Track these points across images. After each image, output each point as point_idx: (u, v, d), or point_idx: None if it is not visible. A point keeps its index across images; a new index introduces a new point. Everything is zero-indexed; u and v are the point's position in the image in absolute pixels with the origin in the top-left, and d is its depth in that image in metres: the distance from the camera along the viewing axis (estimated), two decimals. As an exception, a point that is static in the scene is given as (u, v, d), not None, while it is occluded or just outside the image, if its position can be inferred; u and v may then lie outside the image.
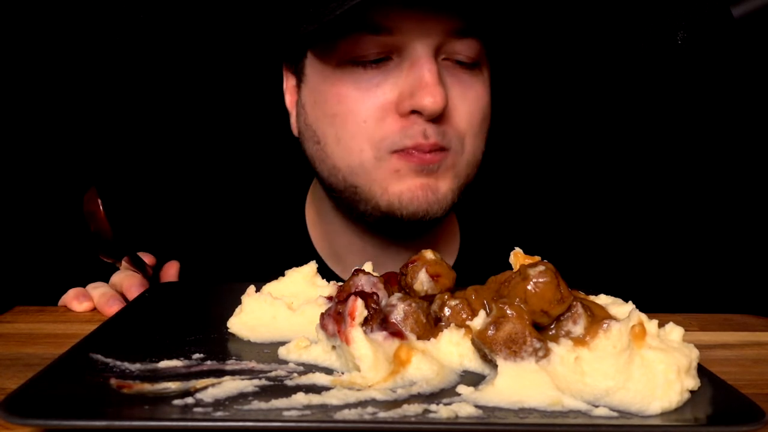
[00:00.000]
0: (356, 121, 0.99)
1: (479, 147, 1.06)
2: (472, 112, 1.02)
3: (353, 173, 1.02)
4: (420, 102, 0.94)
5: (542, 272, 0.62)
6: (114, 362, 0.64)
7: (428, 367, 0.63)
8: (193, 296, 0.91)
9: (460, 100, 1.00)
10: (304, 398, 0.57)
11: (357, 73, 0.98)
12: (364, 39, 0.96)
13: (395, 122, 0.98)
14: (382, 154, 0.99)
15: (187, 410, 0.54)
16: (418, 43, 0.95)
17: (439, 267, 0.77)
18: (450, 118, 1.00)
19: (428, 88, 0.94)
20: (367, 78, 0.98)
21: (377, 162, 0.99)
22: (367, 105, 0.98)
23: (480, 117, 1.04)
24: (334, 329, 0.67)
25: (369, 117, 0.98)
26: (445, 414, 0.55)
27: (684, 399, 0.58)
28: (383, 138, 0.98)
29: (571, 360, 0.60)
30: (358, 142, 1.00)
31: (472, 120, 1.02)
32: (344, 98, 0.99)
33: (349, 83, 0.99)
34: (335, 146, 1.02)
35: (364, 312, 0.66)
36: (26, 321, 0.88)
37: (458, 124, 1.01)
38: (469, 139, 1.03)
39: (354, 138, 1.00)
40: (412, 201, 1.00)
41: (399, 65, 0.98)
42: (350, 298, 0.67)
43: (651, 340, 0.61)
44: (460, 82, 1.01)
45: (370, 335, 0.65)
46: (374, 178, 1.01)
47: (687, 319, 0.94)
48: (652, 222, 1.79)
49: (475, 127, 1.03)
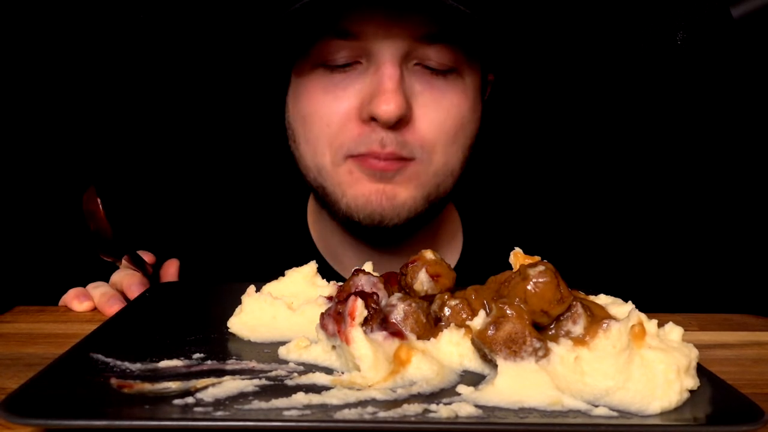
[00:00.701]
0: (321, 124, 1.01)
1: (454, 156, 1.03)
2: (443, 120, 0.99)
3: (319, 174, 1.04)
4: (375, 109, 0.94)
5: (542, 272, 0.62)
6: (114, 362, 0.64)
7: (428, 367, 0.63)
8: (193, 296, 0.91)
9: (429, 108, 0.98)
10: (304, 398, 0.57)
11: (326, 76, 1.00)
12: (332, 43, 0.97)
13: (355, 128, 0.98)
14: (338, 159, 1.00)
15: (188, 410, 0.54)
16: (383, 49, 0.95)
17: (439, 267, 0.77)
18: (414, 127, 0.98)
19: (385, 95, 0.94)
20: (335, 82, 0.99)
21: (334, 167, 1.01)
22: (332, 109, 0.99)
23: (454, 125, 1.01)
24: (334, 329, 0.67)
25: (332, 121, 1.00)
26: (445, 414, 0.55)
27: (683, 399, 0.59)
28: (342, 144, 0.99)
29: (570, 360, 0.60)
30: (321, 145, 1.01)
31: (443, 129, 1.00)
32: (312, 100, 1.01)
33: (318, 86, 1.00)
34: (305, 146, 1.04)
35: (364, 312, 0.66)
36: (26, 321, 0.88)
37: (425, 133, 0.99)
38: (440, 149, 1.00)
39: (318, 140, 1.02)
40: (366, 206, 1.00)
41: (366, 70, 0.98)
42: (350, 298, 0.67)
43: (651, 340, 0.61)
44: (431, 90, 0.98)
45: (370, 335, 0.66)
46: (335, 180, 1.02)
47: (687, 319, 0.94)
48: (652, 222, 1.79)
49: (448, 136, 1.00)
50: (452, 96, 1.00)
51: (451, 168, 1.04)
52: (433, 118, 0.99)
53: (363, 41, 0.96)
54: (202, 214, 1.29)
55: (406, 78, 0.97)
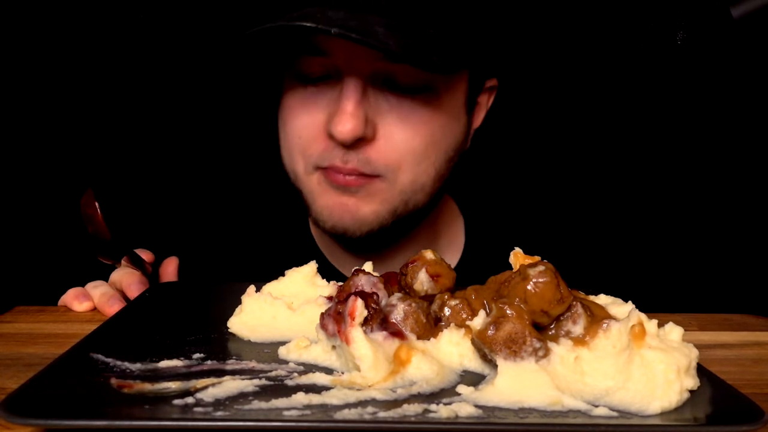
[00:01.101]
0: (293, 135, 1.04)
1: (425, 173, 1.02)
2: (409, 140, 0.99)
3: (295, 179, 1.07)
4: (332, 128, 0.96)
5: (542, 272, 0.62)
6: (114, 362, 0.64)
7: (428, 367, 0.63)
8: (193, 296, 0.91)
9: (395, 127, 0.98)
10: (304, 398, 0.57)
11: (302, 89, 1.02)
12: (306, 59, 0.99)
13: (321, 142, 1.00)
14: (309, 168, 1.03)
15: (188, 410, 0.54)
16: (349, 67, 0.96)
17: (439, 267, 0.77)
18: (378, 146, 0.98)
19: (342, 116, 0.95)
20: (307, 95, 1.02)
21: (305, 175, 1.04)
22: (303, 122, 1.02)
23: (423, 143, 1.00)
24: (334, 329, 0.67)
25: (303, 134, 1.02)
26: (445, 414, 0.55)
27: (683, 399, 0.59)
28: (311, 155, 1.02)
29: (570, 360, 0.60)
30: (294, 153, 1.05)
31: (409, 148, 0.99)
32: (289, 110, 1.04)
33: (296, 98, 1.03)
34: (284, 152, 1.08)
35: (364, 312, 0.66)
36: (26, 321, 0.88)
37: (390, 152, 0.99)
38: (407, 167, 1.00)
39: (292, 148, 1.05)
40: (330, 216, 1.03)
41: (335, 87, 0.99)
42: (350, 298, 0.67)
43: (651, 340, 0.61)
44: (398, 109, 0.98)
45: (370, 335, 0.66)
46: (306, 187, 1.05)
47: (687, 319, 0.94)
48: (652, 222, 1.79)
49: (417, 156, 1.00)
50: (422, 114, 0.99)
51: (420, 184, 1.03)
52: (399, 138, 0.99)
53: (332, 58, 0.97)
54: (202, 214, 1.29)
55: (371, 97, 0.98)
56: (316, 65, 0.99)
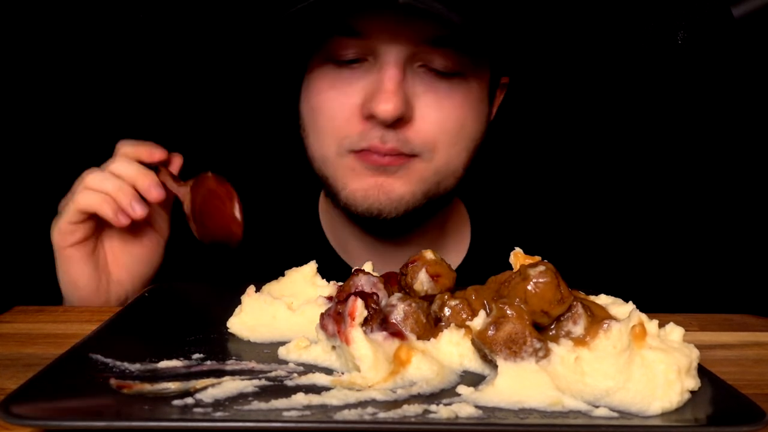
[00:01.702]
0: (326, 117, 1.03)
1: (457, 157, 1.04)
2: (444, 121, 1.01)
3: (323, 164, 1.06)
4: (374, 107, 0.96)
5: (542, 272, 0.62)
6: (114, 362, 0.64)
7: (428, 367, 0.63)
8: (193, 296, 0.91)
9: (431, 109, 1.00)
10: (304, 398, 0.57)
11: (335, 71, 1.01)
12: (341, 41, 0.99)
13: (358, 124, 1.00)
14: (343, 151, 1.02)
15: (187, 410, 0.54)
16: (388, 50, 0.97)
17: (439, 267, 0.77)
18: (416, 126, 1.00)
19: (384, 94, 0.95)
20: (342, 78, 1.01)
21: (338, 158, 1.03)
22: (336, 104, 1.01)
23: (456, 126, 1.02)
24: (334, 329, 0.67)
25: (336, 116, 1.02)
26: (445, 414, 0.55)
27: (684, 399, 0.58)
28: (345, 137, 1.01)
29: (571, 360, 0.60)
30: (326, 137, 1.04)
31: (444, 129, 1.01)
32: (320, 93, 1.03)
33: (326, 80, 1.02)
34: (311, 136, 1.06)
35: (364, 312, 0.66)
36: (26, 321, 0.88)
37: (427, 132, 1.00)
38: (442, 148, 1.02)
39: (323, 132, 1.04)
40: (365, 199, 1.02)
41: (371, 68, 0.99)
42: (350, 298, 0.67)
43: (651, 341, 0.61)
44: (434, 91, 1.00)
45: (370, 335, 0.65)
46: (337, 173, 1.04)
47: (687, 319, 0.94)
48: (651, 222, 1.79)
49: (450, 137, 1.02)
50: (455, 98, 1.01)
51: (453, 168, 1.05)
52: (435, 118, 1.00)
53: (369, 40, 0.97)
54: None
55: (409, 79, 0.99)
56: (352, 47, 0.99)
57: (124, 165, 0.96)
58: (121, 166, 0.96)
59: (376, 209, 1.02)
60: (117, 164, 0.96)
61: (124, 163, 0.96)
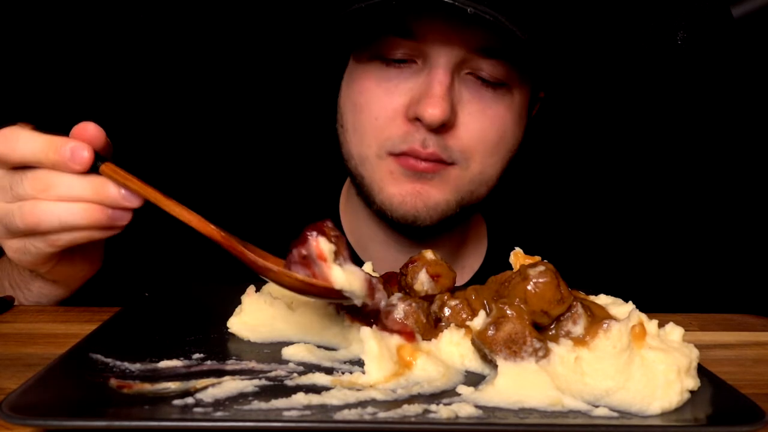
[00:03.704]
0: (370, 117, 1.02)
1: (492, 167, 1.05)
2: (486, 130, 1.01)
3: (361, 164, 1.05)
4: (422, 111, 0.96)
5: (542, 272, 0.62)
6: (114, 362, 0.64)
7: (434, 368, 0.63)
8: (193, 296, 0.91)
9: (474, 117, 1.00)
10: (304, 398, 0.57)
11: (382, 70, 1.01)
12: (392, 40, 0.99)
13: (402, 125, 1.00)
14: (383, 153, 1.02)
15: (187, 410, 0.54)
16: (440, 54, 0.97)
17: (439, 267, 0.77)
18: (457, 132, 1.00)
19: (432, 98, 0.95)
20: (389, 77, 1.01)
21: (378, 160, 1.02)
22: (382, 103, 1.01)
23: (497, 136, 1.02)
24: (306, 273, 0.65)
25: (381, 115, 1.01)
26: (445, 414, 0.55)
27: (684, 399, 0.58)
28: (387, 138, 1.01)
29: (571, 360, 0.60)
30: (367, 136, 1.03)
31: (485, 139, 1.01)
32: (365, 91, 1.03)
33: (372, 79, 1.02)
34: (352, 134, 1.06)
35: (330, 246, 0.64)
36: (26, 321, 0.88)
37: (467, 140, 1.00)
38: (479, 157, 1.02)
39: (365, 131, 1.03)
40: (402, 205, 1.02)
41: (420, 71, 0.99)
42: (308, 238, 0.63)
43: (651, 340, 0.61)
44: (479, 100, 1.00)
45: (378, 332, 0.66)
46: (375, 175, 1.04)
47: (687, 319, 0.94)
48: (651, 222, 1.79)
49: (489, 147, 1.02)
50: (498, 108, 1.02)
51: (487, 177, 1.05)
52: (477, 127, 1.00)
53: (421, 43, 0.97)
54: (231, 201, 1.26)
55: (456, 85, 0.99)
56: (403, 47, 0.99)
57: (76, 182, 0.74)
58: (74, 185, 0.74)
59: (412, 216, 1.02)
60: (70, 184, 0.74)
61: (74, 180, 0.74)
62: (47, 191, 0.73)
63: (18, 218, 0.74)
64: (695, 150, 1.81)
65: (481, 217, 1.27)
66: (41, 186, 0.74)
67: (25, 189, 0.74)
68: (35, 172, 0.74)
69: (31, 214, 0.74)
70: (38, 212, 0.74)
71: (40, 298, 0.95)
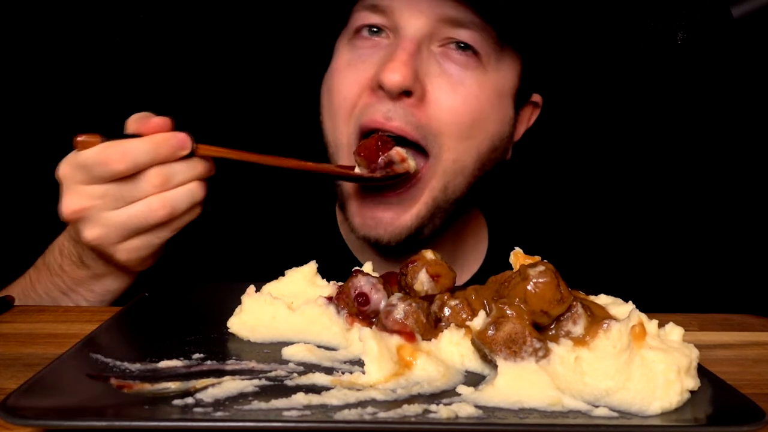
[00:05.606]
0: (339, 98, 1.01)
1: (467, 153, 1.00)
2: (457, 109, 0.97)
3: (336, 152, 1.04)
4: (381, 75, 0.94)
5: (542, 272, 0.62)
6: (114, 362, 0.64)
7: (434, 368, 0.63)
8: (193, 296, 0.91)
9: (444, 92, 0.97)
10: (304, 398, 0.57)
11: (353, 49, 1.01)
12: (362, 16, 0.99)
13: (367, 97, 0.98)
14: (353, 139, 1.00)
15: (187, 410, 0.54)
16: (407, 24, 0.96)
17: (439, 267, 0.77)
18: (426, 108, 0.97)
19: (393, 63, 0.94)
20: (358, 54, 1.01)
21: (349, 147, 1.00)
22: (349, 79, 1.00)
23: (468, 118, 0.98)
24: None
25: (348, 93, 1.00)
26: (445, 414, 0.55)
27: (684, 399, 0.58)
28: (353, 107, 0.99)
29: (571, 360, 0.60)
30: (338, 119, 1.02)
31: (457, 119, 0.97)
32: (335, 72, 1.03)
33: (343, 58, 1.02)
34: (327, 119, 1.05)
35: None
36: (26, 321, 0.88)
37: (438, 118, 0.97)
38: (451, 142, 0.98)
39: (336, 113, 1.02)
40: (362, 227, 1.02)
41: (390, 45, 0.99)
42: None
43: (651, 340, 0.61)
44: (450, 75, 0.97)
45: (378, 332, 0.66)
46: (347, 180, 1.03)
47: (687, 319, 0.94)
48: (651, 222, 1.79)
49: (462, 128, 0.98)
50: (471, 86, 0.98)
51: (461, 165, 1.01)
52: (448, 104, 0.97)
53: (390, 16, 0.97)
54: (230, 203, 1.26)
55: (425, 58, 0.97)
56: (371, 20, 0.99)
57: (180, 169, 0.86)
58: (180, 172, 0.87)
59: (374, 238, 1.01)
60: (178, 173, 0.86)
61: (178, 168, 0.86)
62: (168, 182, 0.84)
63: (151, 215, 0.84)
64: (695, 150, 1.81)
65: (482, 217, 1.26)
66: (161, 180, 0.84)
67: (145, 189, 0.84)
68: (150, 171, 0.83)
69: (162, 207, 0.84)
70: (169, 202, 0.85)
71: (105, 296, 0.99)
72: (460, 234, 1.19)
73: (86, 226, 0.85)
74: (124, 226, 0.85)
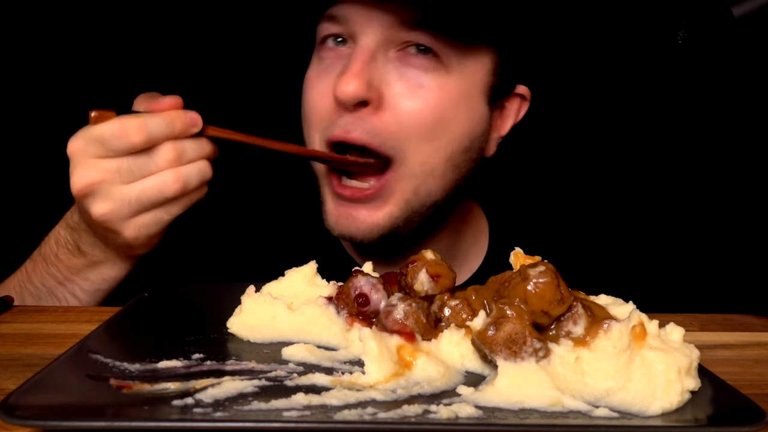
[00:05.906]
0: (309, 108, 1.02)
1: (433, 156, 0.99)
2: (418, 112, 0.96)
3: (313, 163, 1.05)
4: (335, 89, 0.94)
5: (542, 272, 0.62)
6: (114, 362, 0.64)
7: (434, 368, 0.63)
8: (193, 296, 0.91)
9: (404, 96, 0.96)
10: (303, 399, 0.57)
11: (320, 59, 1.02)
12: (323, 27, 1.00)
13: (331, 110, 0.98)
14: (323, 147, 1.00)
15: (187, 410, 0.54)
16: (361, 31, 0.96)
17: (439, 267, 0.77)
18: (385, 115, 0.96)
19: (345, 75, 0.93)
20: (325, 65, 1.01)
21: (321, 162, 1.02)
22: (317, 92, 1.01)
23: (431, 121, 0.96)
24: None
25: (317, 104, 1.01)
26: (445, 415, 0.55)
27: (684, 399, 0.58)
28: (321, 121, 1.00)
29: (571, 360, 0.60)
30: (311, 127, 1.02)
31: (419, 122, 0.96)
32: (306, 83, 1.04)
33: (313, 69, 1.03)
34: (304, 127, 1.06)
35: None
36: (26, 321, 0.88)
37: (398, 124, 0.96)
38: (415, 146, 0.97)
39: (309, 121, 1.03)
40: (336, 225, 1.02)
41: (350, 54, 0.98)
42: None
43: (651, 341, 0.61)
44: (408, 79, 0.96)
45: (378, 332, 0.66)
46: (322, 179, 1.04)
47: (687, 319, 0.94)
48: (651, 222, 1.79)
49: (424, 132, 0.97)
50: (431, 88, 0.97)
51: (430, 167, 0.99)
52: (408, 108, 0.96)
53: (347, 25, 0.97)
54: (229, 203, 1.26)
55: (381, 64, 0.96)
56: (333, 33, 0.99)
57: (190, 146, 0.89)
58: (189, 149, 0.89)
59: (348, 236, 1.01)
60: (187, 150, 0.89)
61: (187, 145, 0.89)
62: (181, 158, 0.87)
63: (165, 189, 0.86)
64: (695, 150, 1.81)
65: (483, 215, 1.26)
66: (174, 155, 0.86)
67: (157, 164, 0.86)
68: (164, 146, 0.86)
69: (176, 181, 0.86)
70: (182, 177, 0.87)
71: (101, 285, 0.99)
72: (459, 232, 1.18)
73: (96, 200, 0.86)
74: (137, 201, 0.86)
